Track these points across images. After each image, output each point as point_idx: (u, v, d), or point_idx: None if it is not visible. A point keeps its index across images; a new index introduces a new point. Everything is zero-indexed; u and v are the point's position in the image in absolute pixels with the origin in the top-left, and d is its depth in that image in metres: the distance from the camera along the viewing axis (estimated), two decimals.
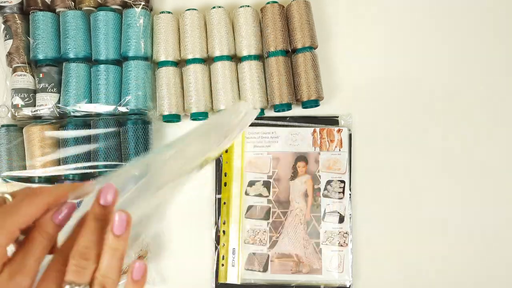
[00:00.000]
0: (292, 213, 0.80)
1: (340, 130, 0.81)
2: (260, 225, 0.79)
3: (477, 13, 0.87)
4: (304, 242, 0.79)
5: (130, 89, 0.78)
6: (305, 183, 0.80)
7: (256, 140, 0.82)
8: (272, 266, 0.78)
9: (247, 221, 0.80)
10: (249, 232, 0.79)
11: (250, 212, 0.80)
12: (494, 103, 0.85)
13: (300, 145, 0.81)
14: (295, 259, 0.78)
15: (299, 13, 0.82)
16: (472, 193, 0.82)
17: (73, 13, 0.80)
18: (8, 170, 0.79)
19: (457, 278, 0.81)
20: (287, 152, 0.81)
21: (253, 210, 0.80)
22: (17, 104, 0.80)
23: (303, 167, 0.80)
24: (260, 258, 0.78)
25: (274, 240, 0.79)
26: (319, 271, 0.78)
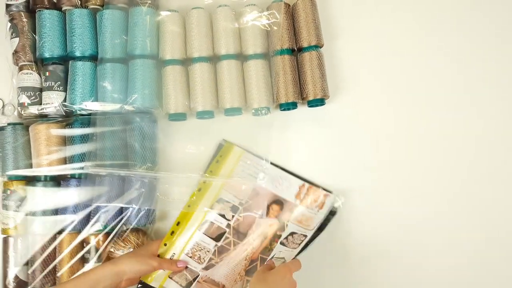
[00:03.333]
0: (243, 247, 0.77)
1: (327, 195, 0.79)
2: (208, 243, 0.77)
3: (482, 12, 0.88)
4: (238, 277, 0.76)
5: (136, 88, 0.78)
6: (270, 226, 0.78)
7: (248, 165, 0.81)
8: (196, 286, 0.76)
9: (199, 233, 0.78)
10: (194, 244, 0.77)
11: (205, 227, 0.78)
12: (495, 104, 0.85)
13: (284, 191, 0.80)
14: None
15: (305, 12, 0.82)
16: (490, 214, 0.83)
17: (79, 11, 0.81)
18: (14, 168, 0.79)
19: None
20: (269, 190, 0.80)
21: (209, 226, 0.78)
22: (23, 103, 0.80)
23: (276, 211, 0.79)
24: (190, 274, 0.76)
25: (212, 264, 0.77)
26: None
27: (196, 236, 0.78)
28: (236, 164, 0.81)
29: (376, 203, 0.83)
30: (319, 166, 0.84)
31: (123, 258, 0.69)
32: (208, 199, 0.79)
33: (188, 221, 0.78)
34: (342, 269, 0.82)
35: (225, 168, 0.81)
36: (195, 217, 0.78)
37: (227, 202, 0.79)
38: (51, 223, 0.77)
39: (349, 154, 0.84)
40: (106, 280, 0.64)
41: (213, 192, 0.80)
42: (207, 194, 0.79)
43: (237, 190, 0.80)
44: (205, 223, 0.78)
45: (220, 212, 0.79)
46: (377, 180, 0.83)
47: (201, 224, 0.78)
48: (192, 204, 0.79)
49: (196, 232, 0.78)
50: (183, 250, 0.77)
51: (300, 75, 0.82)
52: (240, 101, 0.80)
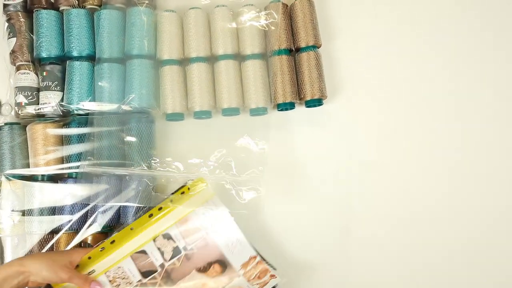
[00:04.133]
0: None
1: (273, 277, 0.73)
2: (134, 275, 0.70)
3: (480, 12, 0.88)
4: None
5: (134, 88, 0.78)
6: (203, 285, 0.71)
7: (210, 211, 0.73)
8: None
9: (129, 260, 0.70)
10: (119, 270, 0.70)
11: (139, 256, 0.71)
12: (493, 103, 0.85)
13: (233, 255, 0.72)
14: None
15: (303, 12, 0.82)
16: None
17: (76, 11, 0.81)
18: (11, 168, 0.79)
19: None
20: (219, 247, 0.73)
21: (142, 257, 0.71)
22: (21, 102, 0.80)
23: (216, 272, 0.71)
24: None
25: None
26: None
27: (125, 262, 0.70)
28: (199, 204, 0.73)
29: (374, 203, 0.83)
30: (317, 166, 0.84)
31: (33, 259, 0.64)
32: (155, 228, 0.72)
33: (124, 243, 0.71)
34: (341, 269, 0.82)
35: (187, 203, 0.73)
36: (133, 242, 0.71)
37: (172, 240, 0.71)
38: (48, 223, 0.77)
39: (347, 154, 0.84)
40: (12, 281, 0.60)
41: (164, 223, 0.72)
42: (157, 224, 0.72)
43: (189, 233, 0.72)
44: (140, 253, 0.71)
45: (160, 247, 0.71)
46: (375, 180, 0.83)
47: (136, 252, 0.71)
48: (135, 228, 0.71)
49: (128, 258, 0.70)
50: (106, 270, 0.70)
51: (298, 75, 0.82)
52: (238, 101, 0.80)
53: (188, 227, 0.72)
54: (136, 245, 0.71)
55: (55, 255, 0.67)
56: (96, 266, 0.69)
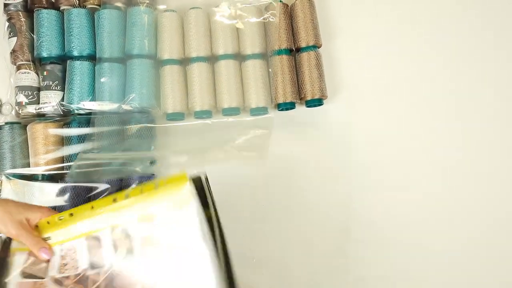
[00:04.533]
0: None
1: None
2: (82, 260, 0.58)
3: (481, 12, 0.88)
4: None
5: (134, 87, 0.78)
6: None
7: (178, 223, 0.54)
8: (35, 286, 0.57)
9: (83, 241, 0.58)
10: (71, 247, 0.59)
11: (93, 241, 0.58)
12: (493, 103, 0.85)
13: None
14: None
15: (303, 12, 0.82)
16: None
17: (77, 11, 0.81)
18: (11, 167, 0.79)
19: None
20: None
21: (96, 244, 0.58)
22: (21, 102, 0.80)
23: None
24: (44, 271, 0.58)
25: (60, 282, 0.57)
26: None
27: (79, 242, 0.59)
28: (170, 207, 0.55)
29: (374, 203, 0.83)
30: (317, 165, 0.84)
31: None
32: (116, 216, 0.58)
33: (81, 219, 0.59)
34: (341, 269, 0.82)
35: (155, 199, 0.56)
36: (90, 222, 0.59)
37: (129, 241, 0.57)
38: None
39: (347, 154, 0.84)
40: None
41: (126, 214, 0.57)
42: (119, 212, 0.58)
43: (148, 242, 0.56)
44: (95, 239, 0.59)
45: (116, 241, 0.57)
46: (376, 180, 0.83)
47: (93, 233, 0.59)
48: (96, 207, 0.59)
49: (82, 238, 0.59)
50: (60, 243, 0.60)
51: (298, 75, 0.82)
52: (238, 101, 0.80)
53: (149, 234, 0.56)
54: (93, 227, 0.59)
55: (14, 207, 0.60)
56: (52, 234, 0.60)
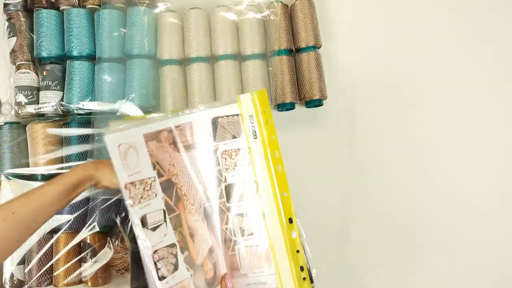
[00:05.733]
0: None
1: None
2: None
3: (481, 14, 0.88)
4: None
5: (134, 87, 0.78)
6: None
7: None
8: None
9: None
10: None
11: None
12: (493, 105, 0.85)
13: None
14: None
15: (303, 12, 0.82)
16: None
17: (77, 11, 0.80)
18: (11, 167, 0.78)
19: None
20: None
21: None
22: (21, 102, 0.80)
23: None
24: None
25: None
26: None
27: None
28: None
29: (374, 203, 0.83)
30: (317, 166, 0.84)
31: (105, 166, 0.62)
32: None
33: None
34: (341, 269, 0.82)
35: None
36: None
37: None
38: (48, 223, 0.77)
39: (347, 154, 0.84)
40: (86, 184, 0.62)
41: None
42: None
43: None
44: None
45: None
46: (375, 180, 0.83)
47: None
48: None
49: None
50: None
51: (298, 76, 0.82)
52: None
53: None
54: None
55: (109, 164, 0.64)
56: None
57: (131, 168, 0.56)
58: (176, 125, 0.59)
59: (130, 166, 0.56)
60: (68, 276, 0.76)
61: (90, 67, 0.80)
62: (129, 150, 0.56)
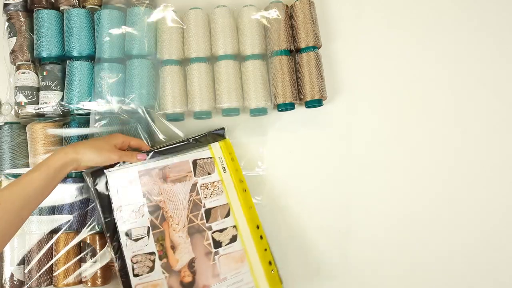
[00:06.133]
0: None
1: None
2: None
3: (480, 15, 0.88)
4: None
5: (134, 88, 0.78)
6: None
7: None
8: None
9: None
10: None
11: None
12: (492, 105, 0.85)
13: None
14: None
15: (303, 12, 0.82)
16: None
17: (77, 11, 0.81)
18: (11, 167, 0.79)
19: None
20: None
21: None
22: (21, 102, 0.80)
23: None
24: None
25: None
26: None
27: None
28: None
29: (374, 203, 0.83)
30: (316, 166, 0.84)
31: (85, 147, 0.67)
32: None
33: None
34: (341, 269, 0.82)
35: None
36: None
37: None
38: (48, 223, 0.77)
39: (347, 155, 0.84)
40: (68, 167, 0.65)
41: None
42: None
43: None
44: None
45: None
46: (375, 180, 0.83)
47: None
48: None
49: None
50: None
51: (298, 76, 0.82)
52: (238, 101, 0.80)
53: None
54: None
55: (100, 142, 0.70)
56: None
57: (124, 197, 0.74)
58: (166, 164, 0.76)
59: (124, 196, 0.74)
60: (68, 276, 0.76)
61: (90, 67, 0.80)
62: (124, 184, 0.74)
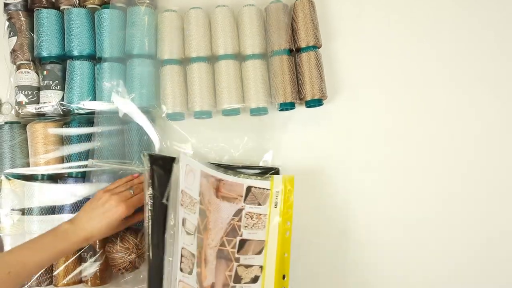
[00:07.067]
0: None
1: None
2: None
3: (480, 14, 0.88)
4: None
5: (134, 87, 0.78)
6: None
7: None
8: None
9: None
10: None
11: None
12: (493, 105, 0.85)
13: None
14: None
15: (303, 12, 0.82)
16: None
17: (77, 10, 0.81)
18: (11, 167, 0.79)
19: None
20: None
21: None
22: (21, 101, 0.80)
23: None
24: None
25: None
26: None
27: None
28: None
29: (374, 203, 0.83)
30: (317, 166, 0.84)
31: (94, 223, 0.65)
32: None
33: None
34: (339, 269, 0.82)
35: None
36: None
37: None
38: (48, 222, 0.77)
39: (347, 155, 0.84)
40: (75, 248, 0.65)
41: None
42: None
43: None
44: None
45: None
46: (375, 180, 0.83)
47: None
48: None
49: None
50: None
51: (298, 76, 0.82)
52: (238, 101, 0.80)
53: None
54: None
55: (108, 216, 0.66)
56: None
57: (189, 183, 0.68)
58: (222, 178, 0.74)
59: (189, 181, 0.68)
60: (68, 276, 0.76)
61: (90, 67, 0.80)
62: (190, 172, 0.69)
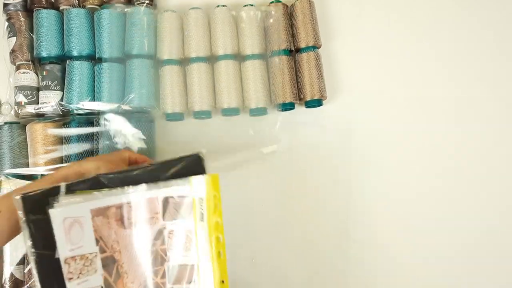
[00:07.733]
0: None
1: None
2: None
3: (479, 13, 0.88)
4: None
5: (134, 87, 0.78)
6: None
7: None
8: None
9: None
10: None
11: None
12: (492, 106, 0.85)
13: None
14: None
15: (303, 12, 0.82)
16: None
17: (77, 11, 0.80)
18: (10, 167, 0.78)
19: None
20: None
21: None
22: (20, 102, 0.80)
23: None
24: None
25: None
26: None
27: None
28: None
29: (374, 203, 0.83)
30: (316, 166, 0.84)
31: (89, 162, 0.64)
32: None
33: None
34: (340, 270, 0.82)
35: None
36: None
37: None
38: None
39: (347, 155, 0.84)
40: (71, 178, 0.60)
41: None
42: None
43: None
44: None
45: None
46: (375, 180, 0.83)
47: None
48: None
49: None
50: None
51: (298, 76, 0.82)
52: (238, 101, 0.80)
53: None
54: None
55: (108, 156, 0.68)
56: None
57: (74, 243, 0.56)
58: (126, 201, 0.58)
59: (74, 240, 0.55)
60: None
61: (89, 67, 0.80)
62: (74, 224, 0.56)
